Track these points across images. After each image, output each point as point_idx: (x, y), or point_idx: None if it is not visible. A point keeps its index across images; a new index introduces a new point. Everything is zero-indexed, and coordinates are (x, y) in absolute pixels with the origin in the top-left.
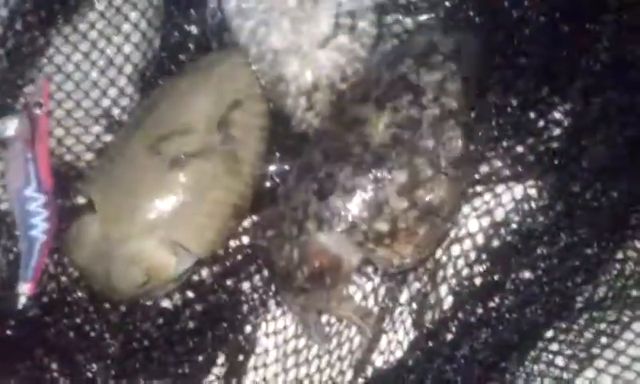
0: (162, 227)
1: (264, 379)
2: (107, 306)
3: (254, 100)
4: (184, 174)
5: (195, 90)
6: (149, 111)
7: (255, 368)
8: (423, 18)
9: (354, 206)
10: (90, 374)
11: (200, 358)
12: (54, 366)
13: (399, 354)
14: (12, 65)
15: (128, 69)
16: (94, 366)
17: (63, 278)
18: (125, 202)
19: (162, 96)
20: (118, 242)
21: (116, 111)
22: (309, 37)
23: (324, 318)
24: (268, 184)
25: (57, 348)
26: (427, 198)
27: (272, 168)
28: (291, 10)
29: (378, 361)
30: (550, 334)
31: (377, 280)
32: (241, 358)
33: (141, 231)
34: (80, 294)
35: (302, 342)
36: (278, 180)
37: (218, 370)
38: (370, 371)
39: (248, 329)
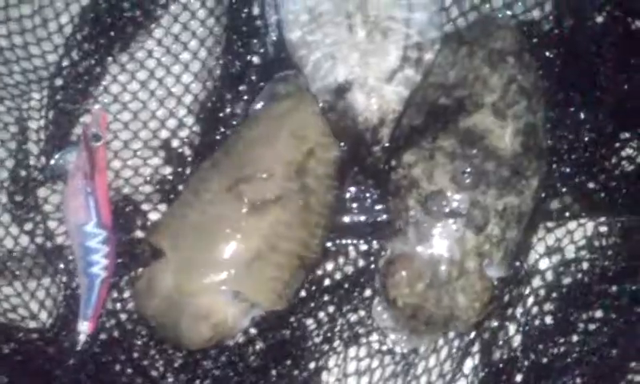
0: (235, 281)
1: None
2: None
3: (325, 148)
4: (263, 221)
5: (273, 135)
6: (226, 154)
7: None
8: None
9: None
10: None
11: None
12: None
13: None
14: (69, 95)
15: (188, 99)
16: None
17: (123, 316)
18: (199, 252)
19: (238, 140)
20: (189, 296)
21: (175, 143)
22: (376, 70)
23: None
24: None
25: None
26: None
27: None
28: (360, 43)
29: None
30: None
31: None
32: None
33: (213, 285)
34: (142, 332)
35: (365, 379)
36: None
37: None
38: None
39: (312, 365)
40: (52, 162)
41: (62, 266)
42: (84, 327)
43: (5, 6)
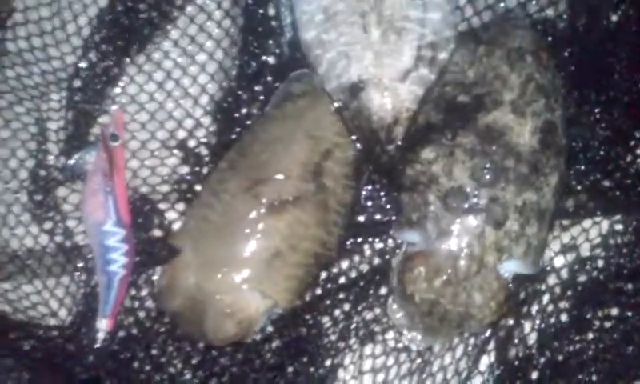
0: (256, 280)
1: None
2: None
3: (342, 148)
4: (281, 222)
5: (289, 136)
6: (242, 155)
7: None
8: None
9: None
10: None
11: None
12: None
13: None
14: (87, 96)
15: (204, 99)
16: None
17: (141, 313)
18: (220, 252)
19: (254, 141)
20: (212, 293)
21: (192, 143)
22: (390, 70)
23: None
24: None
25: None
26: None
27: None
28: (375, 43)
29: None
30: None
31: None
32: None
33: (237, 283)
34: (160, 330)
35: (381, 376)
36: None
37: None
38: None
39: (328, 363)
40: (71, 161)
41: (81, 264)
42: (103, 325)
43: (24, 8)
